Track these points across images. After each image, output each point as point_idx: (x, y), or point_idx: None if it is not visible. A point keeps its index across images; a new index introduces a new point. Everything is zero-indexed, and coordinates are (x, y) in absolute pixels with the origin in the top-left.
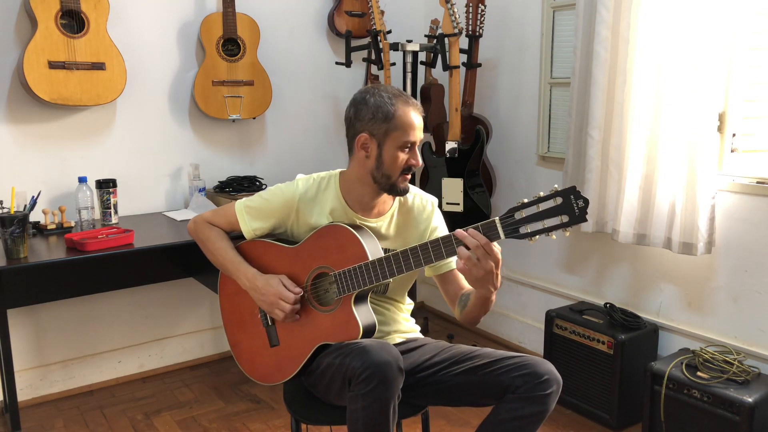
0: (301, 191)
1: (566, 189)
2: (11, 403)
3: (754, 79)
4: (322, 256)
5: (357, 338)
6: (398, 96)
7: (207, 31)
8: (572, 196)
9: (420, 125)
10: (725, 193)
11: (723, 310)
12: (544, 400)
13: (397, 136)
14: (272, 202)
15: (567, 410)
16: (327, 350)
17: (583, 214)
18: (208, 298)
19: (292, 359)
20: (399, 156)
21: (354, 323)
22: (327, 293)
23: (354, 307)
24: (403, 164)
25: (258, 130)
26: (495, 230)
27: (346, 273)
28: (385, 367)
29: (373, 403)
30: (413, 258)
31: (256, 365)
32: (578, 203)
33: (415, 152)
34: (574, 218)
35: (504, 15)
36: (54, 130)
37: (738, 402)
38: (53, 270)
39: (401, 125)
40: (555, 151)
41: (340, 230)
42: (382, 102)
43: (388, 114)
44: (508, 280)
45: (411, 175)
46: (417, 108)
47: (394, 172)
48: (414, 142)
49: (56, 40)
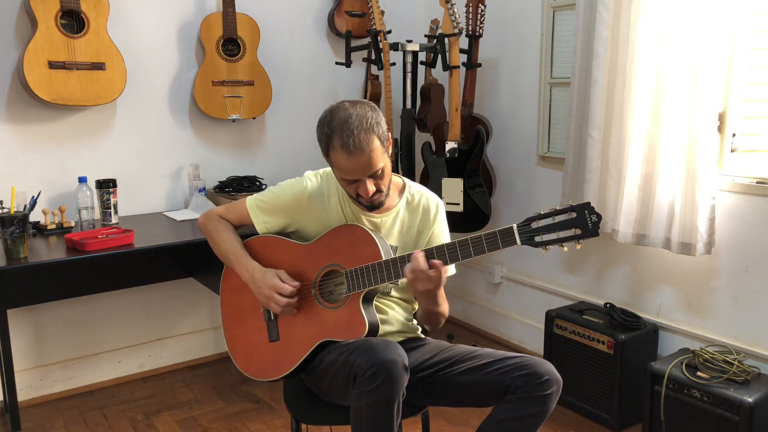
0: (310, 186)
1: (581, 204)
2: (11, 403)
3: (754, 79)
4: (334, 254)
5: (361, 336)
6: (334, 137)
7: (207, 31)
8: (586, 211)
9: (358, 167)
10: (725, 193)
11: (723, 310)
12: (544, 401)
13: (336, 172)
14: (282, 197)
15: (567, 410)
16: (330, 348)
17: (595, 229)
18: (208, 298)
19: (291, 354)
20: (344, 184)
21: (360, 321)
22: (335, 291)
23: (362, 306)
24: (352, 192)
25: (258, 130)
26: (512, 237)
27: (357, 271)
28: (391, 365)
29: (378, 401)
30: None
31: (252, 360)
32: (592, 218)
33: (363, 185)
34: (587, 232)
35: (504, 15)
36: (54, 130)
37: (738, 402)
38: (53, 270)
39: (335, 164)
40: (555, 151)
41: (356, 230)
42: (322, 133)
43: (324, 148)
44: (508, 280)
45: (377, 196)
46: (352, 153)
47: (350, 193)
48: (352, 180)
49: (56, 40)
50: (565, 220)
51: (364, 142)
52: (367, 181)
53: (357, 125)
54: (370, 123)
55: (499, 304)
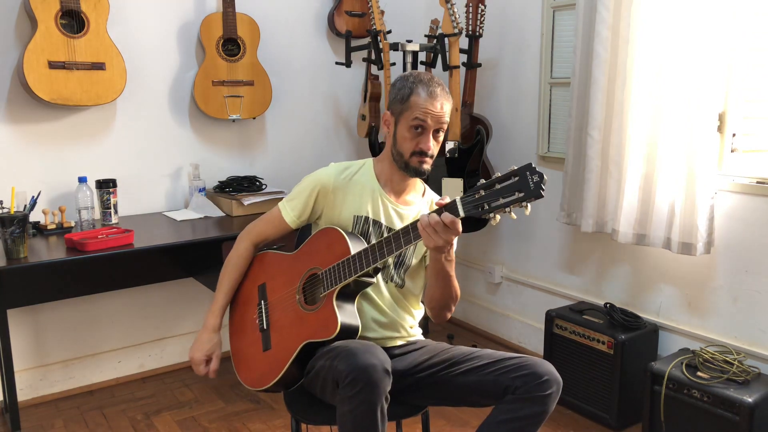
0: (333, 173)
1: (522, 166)
2: (11, 403)
3: (754, 79)
4: (313, 258)
5: (333, 335)
6: (422, 81)
7: (207, 31)
8: (528, 173)
9: (434, 110)
10: (725, 193)
11: (723, 310)
12: (544, 401)
13: (408, 116)
14: (307, 188)
15: (567, 410)
16: (320, 352)
17: (538, 189)
18: (208, 298)
19: (280, 360)
20: (408, 137)
21: (333, 319)
22: (315, 293)
23: (336, 303)
24: (413, 146)
25: (258, 130)
26: (455, 209)
27: (331, 270)
28: (371, 370)
29: (359, 406)
30: (386, 245)
31: (250, 371)
32: (533, 178)
33: (426, 137)
34: (529, 192)
35: (504, 15)
36: (54, 130)
37: (738, 402)
38: (53, 270)
39: (412, 106)
40: (555, 151)
41: (330, 231)
42: (405, 84)
43: (405, 95)
44: (508, 280)
45: (429, 158)
46: (436, 96)
47: (405, 152)
48: (421, 122)
49: (56, 40)
50: (507, 184)
51: (445, 94)
52: (430, 134)
53: (441, 84)
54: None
55: (499, 304)
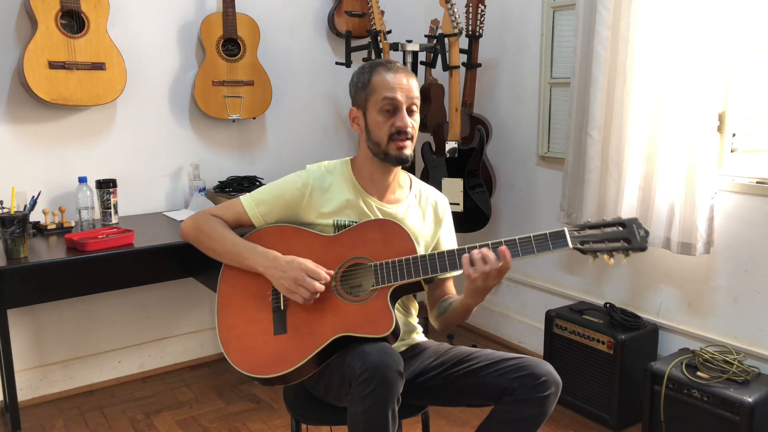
0: (312, 175)
1: (630, 218)
2: (11, 403)
3: (754, 79)
4: (362, 247)
5: (384, 333)
6: (379, 63)
7: (207, 31)
8: (635, 225)
9: (401, 85)
10: (725, 193)
11: (723, 310)
12: (543, 402)
13: (375, 99)
14: (280, 187)
15: (567, 410)
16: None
17: (644, 242)
18: (208, 298)
19: (301, 348)
20: (380, 121)
21: (388, 316)
22: (357, 285)
23: (389, 301)
24: (388, 128)
25: (258, 130)
26: (563, 239)
27: (387, 264)
28: (385, 370)
29: (372, 406)
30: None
31: (248, 354)
32: (640, 232)
33: (401, 114)
34: (636, 244)
35: (504, 15)
36: (54, 130)
37: (738, 402)
38: (53, 270)
39: (377, 87)
40: (555, 151)
41: (388, 225)
42: (362, 72)
43: (365, 81)
44: (508, 280)
45: (408, 140)
46: (397, 70)
47: (381, 139)
48: (392, 99)
49: (56, 40)
50: (612, 231)
51: (407, 71)
52: (404, 110)
53: (400, 63)
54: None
55: (499, 304)
